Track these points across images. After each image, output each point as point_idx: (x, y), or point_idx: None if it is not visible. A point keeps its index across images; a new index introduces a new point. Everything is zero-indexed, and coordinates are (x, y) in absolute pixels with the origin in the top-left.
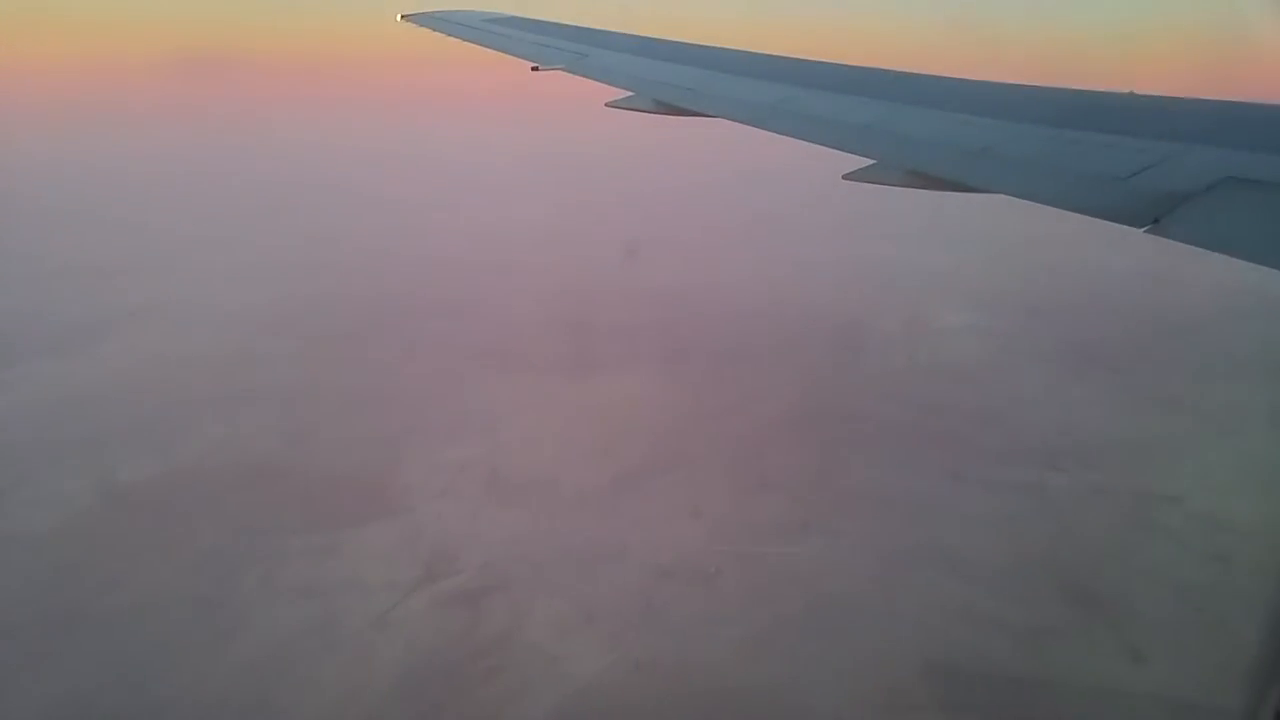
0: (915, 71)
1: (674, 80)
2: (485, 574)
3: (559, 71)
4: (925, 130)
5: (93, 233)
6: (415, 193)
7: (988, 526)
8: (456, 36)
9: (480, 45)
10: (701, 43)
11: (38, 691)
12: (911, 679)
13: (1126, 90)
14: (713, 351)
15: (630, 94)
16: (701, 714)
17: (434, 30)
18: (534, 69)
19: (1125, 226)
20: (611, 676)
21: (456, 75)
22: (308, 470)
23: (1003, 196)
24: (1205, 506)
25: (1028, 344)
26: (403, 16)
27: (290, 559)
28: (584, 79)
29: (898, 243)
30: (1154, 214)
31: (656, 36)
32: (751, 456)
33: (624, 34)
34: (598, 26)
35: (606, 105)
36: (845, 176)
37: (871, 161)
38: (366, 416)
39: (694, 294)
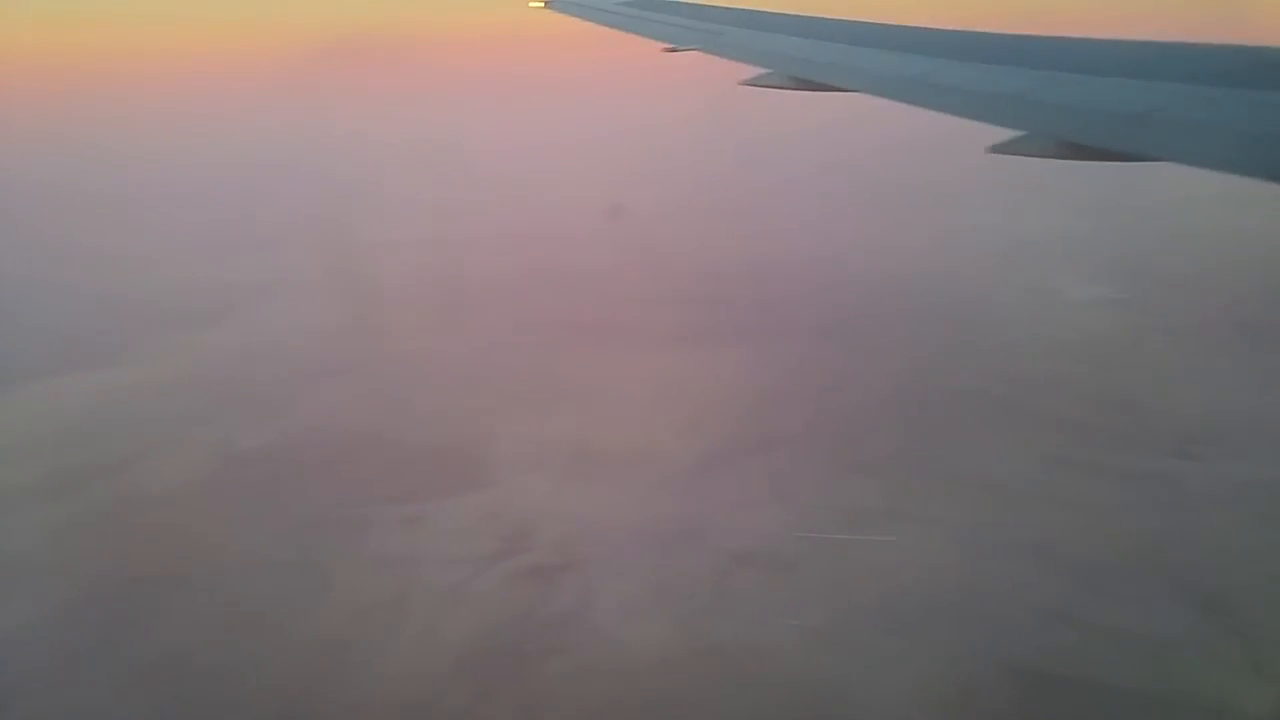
0: (1067, 35)
1: (810, 56)
2: (559, 551)
3: (694, 51)
4: (1078, 97)
5: (236, 210)
6: (550, 173)
7: (1097, 519)
8: (589, 20)
9: (612, 28)
10: (838, 16)
11: (126, 651)
12: (991, 683)
13: None
14: (829, 327)
15: (766, 71)
16: (760, 706)
17: (566, 14)
18: (668, 50)
19: None
20: (672, 662)
21: (589, 59)
22: (407, 441)
23: (1164, 165)
24: None
25: (1174, 319)
26: (535, 2)
27: (378, 529)
28: (719, 58)
29: (1043, 215)
30: None
31: (792, 12)
32: (849, 436)
33: (759, 10)
34: (731, 5)
35: (741, 84)
36: (991, 149)
37: (1020, 133)
38: (471, 389)
39: (820, 269)
